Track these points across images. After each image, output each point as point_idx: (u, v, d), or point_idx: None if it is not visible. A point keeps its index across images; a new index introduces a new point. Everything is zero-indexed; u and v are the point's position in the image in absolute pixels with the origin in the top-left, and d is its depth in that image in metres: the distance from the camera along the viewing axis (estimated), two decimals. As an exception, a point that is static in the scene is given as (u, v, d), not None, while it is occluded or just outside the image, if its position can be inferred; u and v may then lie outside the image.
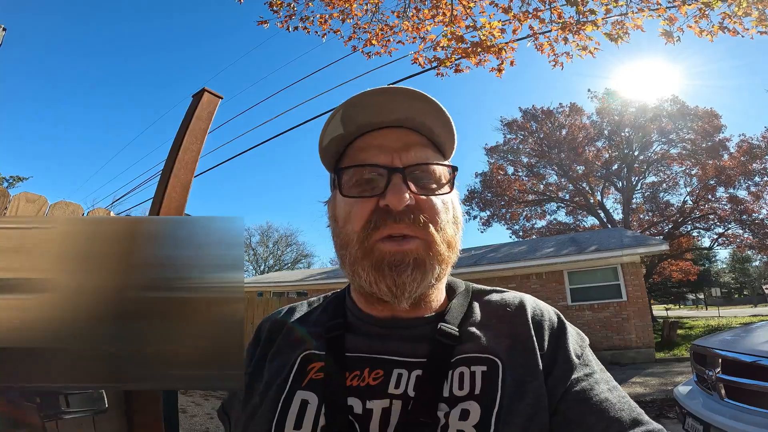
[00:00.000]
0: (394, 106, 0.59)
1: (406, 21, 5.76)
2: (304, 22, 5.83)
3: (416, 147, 0.60)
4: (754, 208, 20.21)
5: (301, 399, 0.56)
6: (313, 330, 0.65)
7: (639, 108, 22.46)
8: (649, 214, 23.47)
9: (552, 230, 24.14)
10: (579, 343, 0.61)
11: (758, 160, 20.22)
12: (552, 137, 24.03)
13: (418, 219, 0.56)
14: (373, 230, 0.56)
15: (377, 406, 0.53)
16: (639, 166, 23.05)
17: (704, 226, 21.87)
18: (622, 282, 9.95)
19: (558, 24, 4.94)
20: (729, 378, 2.60)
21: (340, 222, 0.61)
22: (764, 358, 2.37)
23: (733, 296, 50.26)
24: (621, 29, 4.73)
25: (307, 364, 0.60)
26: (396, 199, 0.55)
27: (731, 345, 2.71)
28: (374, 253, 0.56)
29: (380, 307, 0.61)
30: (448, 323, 0.60)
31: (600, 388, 0.55)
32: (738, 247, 22.64)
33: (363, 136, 0.62)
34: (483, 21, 5.13)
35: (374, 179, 0.58)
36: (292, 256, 41.85)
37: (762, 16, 4.19)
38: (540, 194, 24.67)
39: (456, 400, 0.52)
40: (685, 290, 33.68)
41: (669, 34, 4.40)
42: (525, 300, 0.65)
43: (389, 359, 0.57)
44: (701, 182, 21.00)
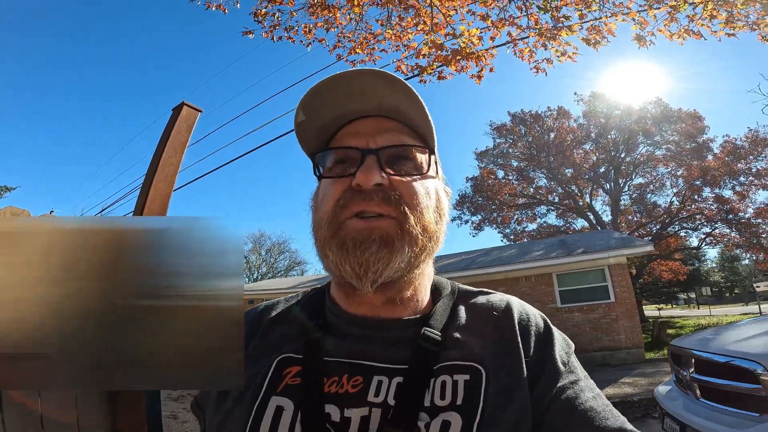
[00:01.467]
0: (369, 91, 0.58)
1: (389, 29, 5.82)
2: (288, 32, 5.86)
3: (392, 132, 0.59)
4: (740, 207, 20.50)
5: (276, 405, 0.53)
6: (290, 330, 0.62)
7: (624, 110, 22.80)
8: (637, 216, 23.73)
9: (543, 233, 24.29)
10: (565, 350, 0.60)
11: (742, 160, 20.57)
12: (540, 141, 24.26)
13: (390, 197, 0.54)
14: (342, 208, 0.54)
15: (356, 415, 0.51)
16: (626, 168, 23.32)
17: (691, 226, 22.13)
18: (610, 283, 10.02)
19: (535, 30, 5.03)
20: (702, 378, 2.63)
21: (315, 209, 0.61)
22: (732, 357, 2.40)
23: (724, 295, 50.77)
24: (597, 34, 4.82)
25: (284, 368, 0.57)
26: (364, 177, 0.53)
27: (704, 345, 2.75)
28: (341, 232, 0.54)
29: (359, 300, 0.59)
30: (432, 327, 0.58)
31: (585, 396, 0.54)
32: (726, 246, 22.93)
33: (345, 126, 0.61)
34: (462, 29, 5.20)
35: (348, 161, 0.58)
36: (285, 263, 41.65)
37: (730, 17, 4.28)
38: (530, 197, 24.84)
39: (437, 410, 0.51)
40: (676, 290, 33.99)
41: (641, 39, 4.49)
42: (512, 303, 0.64)
43: (369, 365, 0.55)
44: (687, 183, 21.28)
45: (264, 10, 5.58)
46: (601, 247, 10.51)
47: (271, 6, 5.59)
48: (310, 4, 5.48)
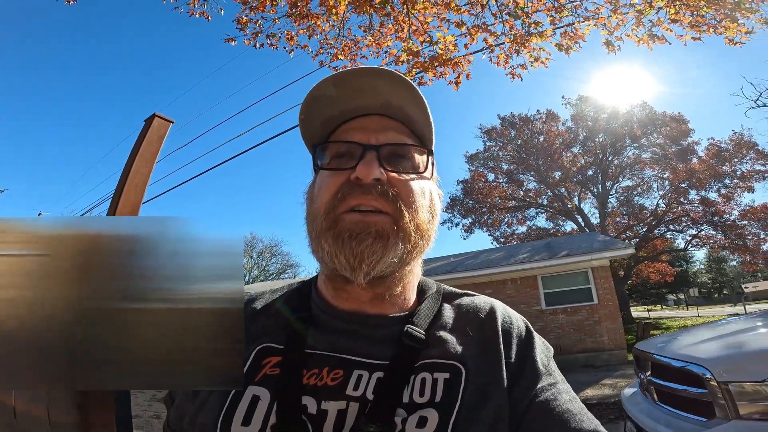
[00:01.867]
0: (376, 90, 0.59)
1: (369, 36, 5.86)
2: (270, 39, 5.88)
3: (393, 130, 0.60)
4: (725, 209, 20.79)
5: (252, 394, 0.52)
6: (273, 321, 0.62)
7: (611, 114, 23.07)
8: (625, 218, 23.97)
9: (532, 235, 24.45)
10: (545, 353, 0.62)
11: (727, 162, 20.86)
12: (530, 144, 24.44)
13: (387, 192, 0.55)
14: (339, 201, 0.55)
15: (333, 408, 0.51)
16: (613, 171, 23.58)
17: (678, 228, 22.41)
18: (593, 285, 10.12)
19: (510, 36, 5.10)
20: (657, 381, 2.68)
21: (310, 199, 0.61)
22: (684, 361, 2.45)
23: (713, 296, 51.34)
24: (570, 39, 4.90)
25: (263, 357, 0.56)
26: (365, 171, 0.54)
27: (660, 348, 2.80)
28: (338, 224, 0.54)
29: (346, 295, 0.60)
30: (416, 326, 0.58)
31: (563, 398, 0.55)
32: (712, 248, 23.22)
33: (348, 122, 0.62)
34: (439, 36, 5.26)
35: (348, 155, 0.58)
36: (277, 266, 41.46)
37: (695, 21, 4.36)
38: (520, 200, 25.00)
39: (415, 406, 0.51)
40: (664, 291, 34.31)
41: (610, 44, 4.58)
42: (495, 306, 0.65)
43: (350, 359, 0.55)
44: (673, 185, 21.54)
45: (246, 17, 5.61)
46: (585, 249, 10.61)
47: (254, 13, 5.61)
48: (290, 13, 5.50)
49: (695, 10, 4.29)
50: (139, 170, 3.77)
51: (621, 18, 4.58)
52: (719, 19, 4.38)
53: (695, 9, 4.28)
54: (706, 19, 4.34)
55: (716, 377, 2.20)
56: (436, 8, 5.20)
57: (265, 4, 5.51)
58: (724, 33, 4.46)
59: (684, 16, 4.39)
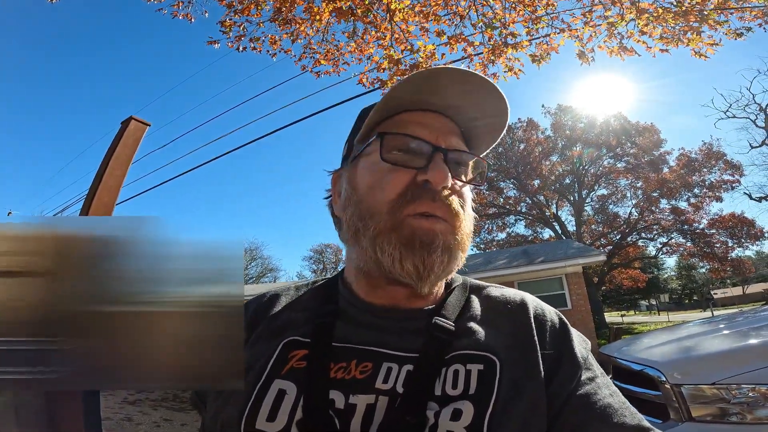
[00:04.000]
0: (452, 90, 0.57)
1: (352, 43, 5.91)
2: (254, 43, 5.87)
3: (455, 135, 0.60)
4: (695, 218, 21.52)
5: (278, 388, 0.51)
6: (300, 315, 0.60)
7: (588, 123, 23.71)
8: (600, 226, 24.60)
9: (512, 242, 24.84)
10: (584, 346, 0.60)
11: (697, 172, 21.64)
12: (510, 152, 24.87)
13: (453, 202, 0.55)
14: (407, 203, 0.53)
15: (362, 402, 0.49)
16: (589, 179, 24.20)
17: (649, 236, 23.08)
18: (566, 291, 10.39)
19: (489, 46, 5.23)
20: (618, 384, 2.77)
21: (363, 190, 0.57)
22: (640, 364, 2.54)
23: (684, 302, 52.93)
24: (544, 51, 5.05)
25: (289, 351, 0.55)
26: (440, 176, 0.53)
27: (620, 352, 2.88)
28: (404, 228, 0.52)
29: (382, 292, 0.59)
30: (445, 317, 0.56)
31: (603, 392, 0.53)
32: (681, 255, 24.00)
33: (408, 113, 0.59)
34: (420, 44, 5.37)
35: (415, 152, 0.56)
36: (258, 270, 40.95)
37: (663, 32, 4.52)
38: (500, 207, 25.37)
39: (448, 399, 0.49)
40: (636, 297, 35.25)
41: (583, 55, 4.74)
42: (526, 298, 0.63)
43: (379, 352, 0.54)
44: (645, 194, 22.21)
45: (231, 20, 5.59)
46: (560, 256, 10.88)
47: (239, 17, 5.60)
48: (274, 18, 5.52)
49: (663, 22, 4.45)
50: (113, 172, 3.74)
51: (594, 30, 4.75)
52: (684, 32, 4.54)
53: (663, 21, 4.44)
54: (675, 32, 4.49)
55: (669, 380, 2.27)
56: (418, 17, 5.30)
57: (250, 8, 5.51)
58: (689, 45, 4.63)
59: (654, 28, 4.55)
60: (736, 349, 2.40)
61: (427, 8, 4.95)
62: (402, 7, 4.83)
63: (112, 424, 5.52)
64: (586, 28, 4.60)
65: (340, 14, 5.25)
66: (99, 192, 3.54)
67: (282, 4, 5.26)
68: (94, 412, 2.90)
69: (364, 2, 4.86)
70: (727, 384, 2.16)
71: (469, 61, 5.54)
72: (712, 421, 2.16)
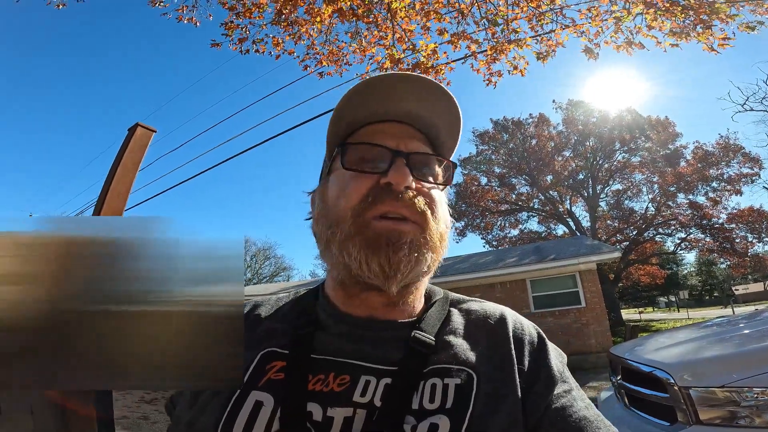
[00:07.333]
0: (408, 98, 0.59)
1: (354, 43, 5.91)
2: (257, 45, 5.91)
3: (417, 140, 0.61)
4: (713, 213, 21.01)
5: (255, 400, 0.50)
6: (278, 326, 0.60)
7: (601, 118, 23.31)
8: (615, 221, 24.18)
9: (525, 239, 24.58)
10: (560, 360, 0.61)
11: (714, 166, 21.11)
12: (522, 148, 24.63)
13: (418, 201, 0.55)
14: (370, 205, 0.54)
15: (339, 414, 0.49)
16: (603, 174, 23.80)
17: (667, 232, 22.62)
18: (580, 289, 10.21)
19: (492, 43, 5.16)
20: (627, 385, 2.72)
21: (331, 201, 0.58)
22: (650, 366, 2.49)
23: (704, 298, 51.78)
24: (548, 47, 4.97)
25: (267, 362, 0.54)
26: (401, 177, 0.54)
27: (630, 353, 2.84)
28: (368, 230, 0.53)
29: (358, 302, 0.59)
30: (424, 331, 0.57)
31: (578, 405, 0.54)
32: (701, 251, 23.45)
33: (371, 125, 0.61)
34: (422, 43, 5.33)
35: (377, 159, 0.57)
36: (271, 269, 41.34)
37: (675, 26, 4.40)
38: (512, 204, 25.14)
39: (425, 413, 0.49)
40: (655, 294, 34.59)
41: (590, 51, 4.65)
42: (506, 313, 0.64)
43: (358, 364, 0.54)
44: (662, 189, 21.76)
45: (234, 23, 5.64)
46: (573, 253, 10.71)
47: (242, 19, 5.64)
48: (276, 20, 5.54)
49: (672, 16, 4.34)
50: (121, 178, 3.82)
51: (601, 25, 4.65)
52: (694, 25, 4.42)
53: (672, 15, 4.33)
54: (684, 26, 4.38)
55: (678, 382, 2.23)
56: (419, 16, 5.26)
57: (252, 11, 5.55)
58: (699, 40, 4.51)
59: (663, 22, 4.44)
60: (746, 351, 2.34)
61: (428, 6, 4.90)
62: (402, 6, 4.79)
63: (129, 422, 5.64)
64: (592, 23, 4.51)
65: (341, 15, 5.25)
66: (108, 199, 3.62)
67: (283, 6, 5.27)
68: (106, 411, 2.95)
69: (365, 2, 4.84)
70: (738, 387, 2.10)
71: (473, 59, 5.49)
72: (720, 424, 2.12)
